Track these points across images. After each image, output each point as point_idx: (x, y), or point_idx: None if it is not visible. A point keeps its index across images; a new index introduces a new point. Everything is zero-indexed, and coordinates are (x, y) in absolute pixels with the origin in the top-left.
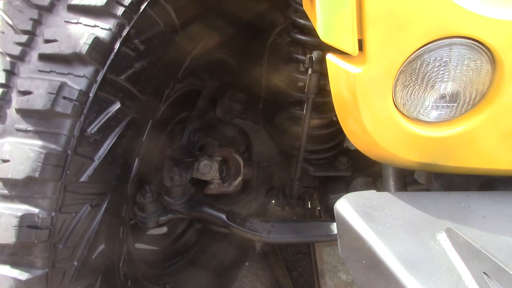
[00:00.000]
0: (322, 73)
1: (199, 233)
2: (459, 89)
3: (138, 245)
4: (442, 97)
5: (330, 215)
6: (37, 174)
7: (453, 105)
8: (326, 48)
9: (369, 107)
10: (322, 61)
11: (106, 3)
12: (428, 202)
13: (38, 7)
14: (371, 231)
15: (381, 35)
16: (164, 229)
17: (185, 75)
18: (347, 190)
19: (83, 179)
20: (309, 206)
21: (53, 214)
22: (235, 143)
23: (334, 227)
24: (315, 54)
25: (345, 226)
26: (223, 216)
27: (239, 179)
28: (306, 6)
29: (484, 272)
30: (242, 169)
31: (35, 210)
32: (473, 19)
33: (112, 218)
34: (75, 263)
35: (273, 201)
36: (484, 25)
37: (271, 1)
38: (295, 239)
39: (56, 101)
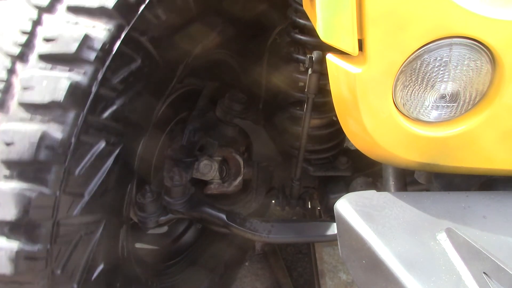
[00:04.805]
0: (322, 73)
1: (199, 233)
2: (459, 89)
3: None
4: (442, 97)
5: (330, 215)
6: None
7: (453, 105)
8: (326, 48)
9: (369, 107)
10: (322, 61)
11: None
12: (428, 202)
13: None
14: (371, 231)
15: (381, 35)
16: (164, 229)
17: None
18: (347, 190)
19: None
20: (309, 206)
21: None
22: (235, 143)
23: (334, 227)
24: (315, 54)
25: (345, 226)
26: (223, 216)
27: (239, 179)
28: (306, 6)
29: (484, 272)
30: (242, 169)
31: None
32: (473, 19)
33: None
34: (85, 196)
35: (273, 201)
36: (484, 25)
37: (271, 1)
38: (295, 239)
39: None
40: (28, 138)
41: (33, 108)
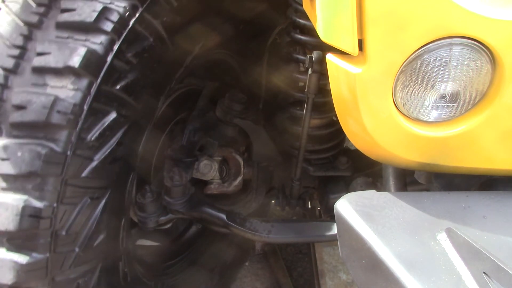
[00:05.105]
0: (322, 73)
1: (199, 233)
2: (459, 89)
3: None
4: (442, 97)
5: (330, 215)
6: None
7: (453, 105)
8: (326, 48)
9: (369, 107)
10: (322, 61)
11: None
12: (428, 202)
13: None
14: (371, 231)
15: (381, 35)
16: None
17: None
18: (347, 190)
19: None
20: (309, 206)
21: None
22: (235, 143)
23: (334, 227)
24: (315, 54)
25: (345, 226)
26: (223, 216)
27: (239, 179)
28: (306, 6)
29: (484, 272)
30: (242, 169)
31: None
32: (473, 19)
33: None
34: (76, 249)
35: (273, 201)
36: (484, 25)
37: (271, 1)
38: (295, 239)
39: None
40: (11, 209)
41: (12, 179)
